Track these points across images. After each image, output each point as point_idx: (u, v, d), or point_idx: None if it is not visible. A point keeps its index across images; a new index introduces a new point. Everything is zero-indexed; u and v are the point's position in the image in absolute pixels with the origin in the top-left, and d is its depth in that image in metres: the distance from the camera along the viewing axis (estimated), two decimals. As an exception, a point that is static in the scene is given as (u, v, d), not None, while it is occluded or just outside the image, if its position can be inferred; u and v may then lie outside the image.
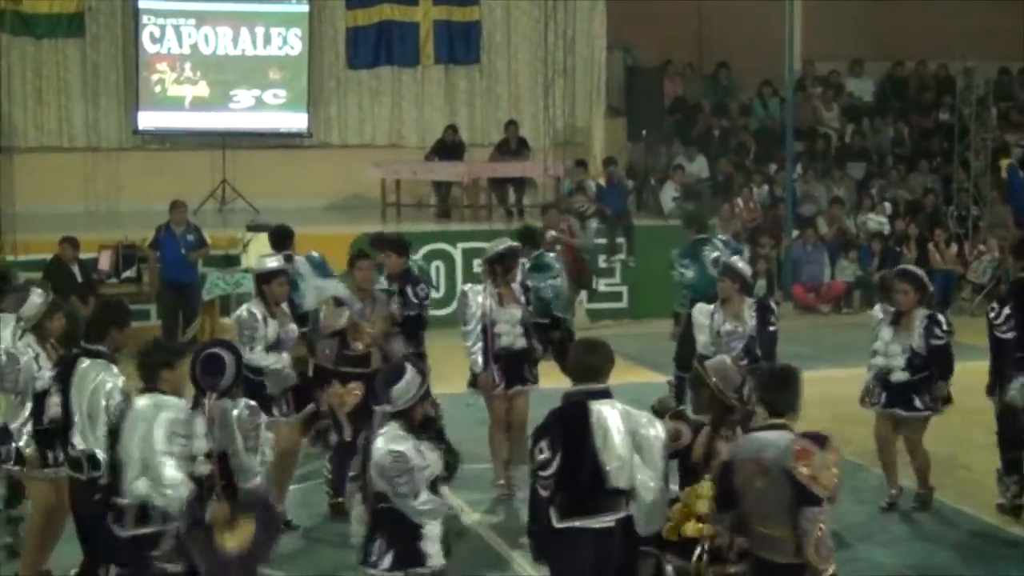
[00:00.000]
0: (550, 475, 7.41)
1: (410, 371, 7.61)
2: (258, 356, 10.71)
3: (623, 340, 16.77)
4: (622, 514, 7.48)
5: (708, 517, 7.53)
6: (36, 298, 9.64)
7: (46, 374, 9.31)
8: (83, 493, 8.58)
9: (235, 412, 7.93)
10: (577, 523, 7.46)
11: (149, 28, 21.94)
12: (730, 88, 25.30)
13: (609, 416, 7.46)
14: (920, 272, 11.74)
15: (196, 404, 7.94)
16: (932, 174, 24.09)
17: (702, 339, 11.66)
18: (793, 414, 7.38)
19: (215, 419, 7.82)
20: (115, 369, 8.47)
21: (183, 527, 7.63)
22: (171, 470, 7.61)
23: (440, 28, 23.52)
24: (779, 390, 7.43)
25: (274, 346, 10.80)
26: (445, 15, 23.52)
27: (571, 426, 7.47)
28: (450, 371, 12.43)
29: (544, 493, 7.49)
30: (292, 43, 22.53)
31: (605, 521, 7.44)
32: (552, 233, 16.98)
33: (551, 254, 14.04)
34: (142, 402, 7.92)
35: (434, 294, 18.76)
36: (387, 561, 7.51)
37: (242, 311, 11.04)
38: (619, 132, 23.74)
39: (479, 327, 11.78)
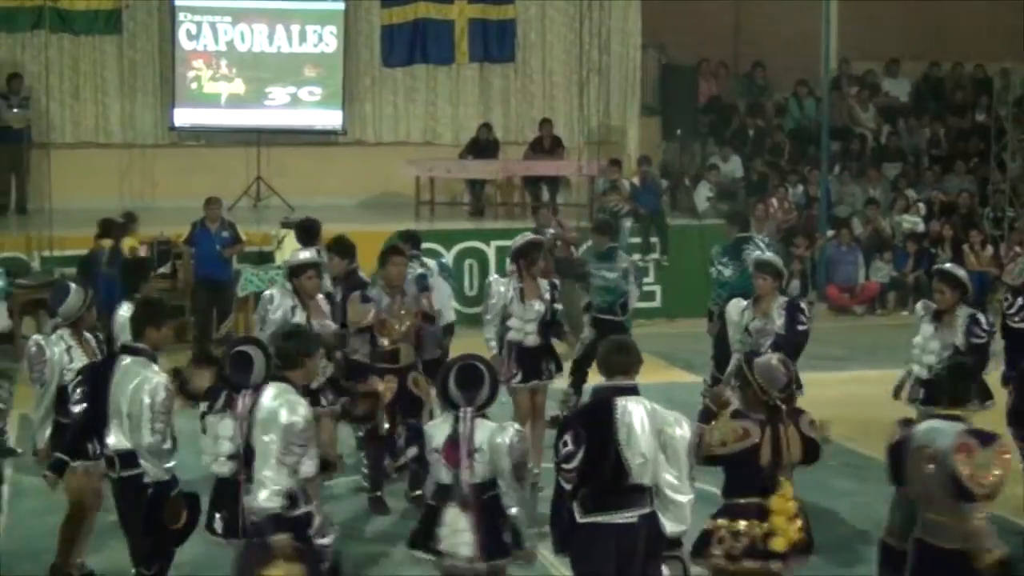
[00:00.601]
0: (573, 468, 7.46)
1: (486, 373, 7.82)
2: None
3: (656, 339, 16.84)
4: (645, 510, 7.52)
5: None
6: (75, 296, 9.70)
7: (77, 366, 9.40)
8: (119, 491, 8.60)
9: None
10: (599, 518, 7.51)
11: (185, 25, 22.03)
12: (765, 87, 25.23)
13: (634, 412, 7.51)
14: (958, 271, 11.71)
15: (228, 403, 7.97)
16: (968, 175, 23.99)
17: (733, 335, 11.74)
18: (970, 406, 7.73)
19: (245, 419, 7.87)
20: (155, 367, 8.45)
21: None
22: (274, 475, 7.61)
23: (475, 26, 23.54)
24: (957, 381, 7.74)
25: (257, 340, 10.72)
26: (480, 13, 23.54)
27: (596, 420, 7.53)
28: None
29: (567, 486, 7.54)
30: (328, 41, 22.58)
31: (627, 517, 7.48)
32: (551, 231, 17.02)
33: (626, 255, 14.05)
34: (271, 393, 7.85)
35: (467, 292, 19.06)
36: (480, 550, 7.62)
37: (266, 291, 11.25)
38: (653, 131, 23.71)
39: (498, 318, 11.99)
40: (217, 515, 8.08)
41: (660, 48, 24.23)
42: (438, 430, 7.78)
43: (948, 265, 12.07)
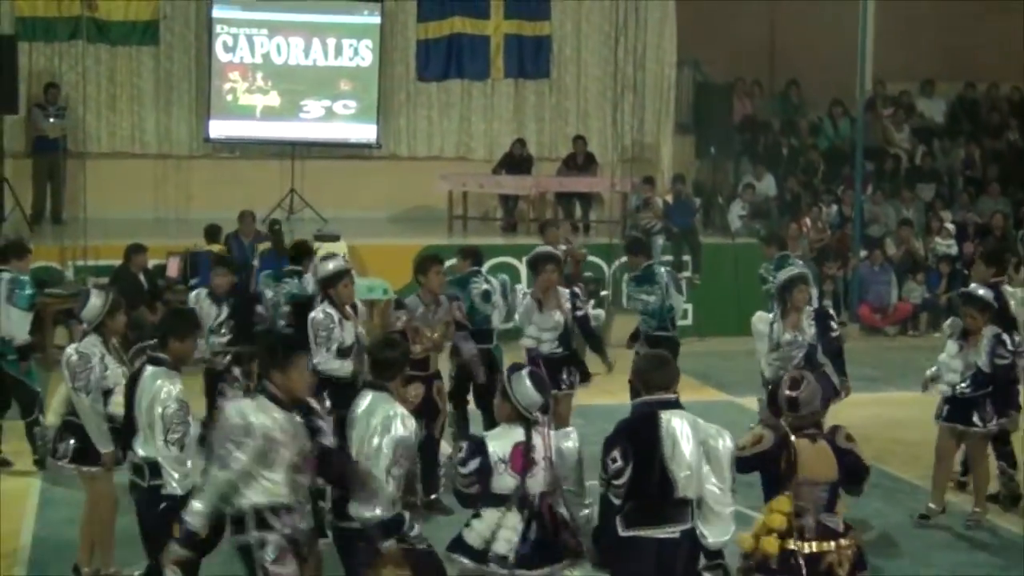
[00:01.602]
0: (623, 483, 7.46)
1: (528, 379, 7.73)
2: (324, 359, 10.81)
3: (688, 358, 16.67)
4: (687, 525, 7.51)
5: (785, 532, 7.59)
6: (96, 299, 9.76)
7: (109, 373, 9.45)
8: (145, 500, 8.60)
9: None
10: (642, 532, 7.51)
11: (222, 37, 22.12)
12: (800, 106, 25.16)
13: (678, 426, 7.52)
14: (983, 293, 11.77)
15: None
16: (1002, 197, 23.90)
17: (761, 347, 11.87)
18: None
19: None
20: (176, 377, 8.42)
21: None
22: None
23: (511, 42, 23.60)
24: None
25: (347, 351, 10.84)
26: (516, 29, 23.60)
27: (641, 435, 7.52)
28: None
29: (616, 502, 7.54)
30: (363, 54, 22.64)
31: (670, 532, 7.48)
32: (563, 247, 17.06)
33: (663, 269, 13.97)
34: (368, 402, 7.82)
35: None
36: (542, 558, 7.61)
37: (317, 312, 11.09)
38: (687, 149, 23.70)
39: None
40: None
41: (695, 66, 24.22)
42: (501, 440, 7.66)
43: (973, 287, 12.14)
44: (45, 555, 10.58)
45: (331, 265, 11.36)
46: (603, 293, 18.34)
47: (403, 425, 7.63)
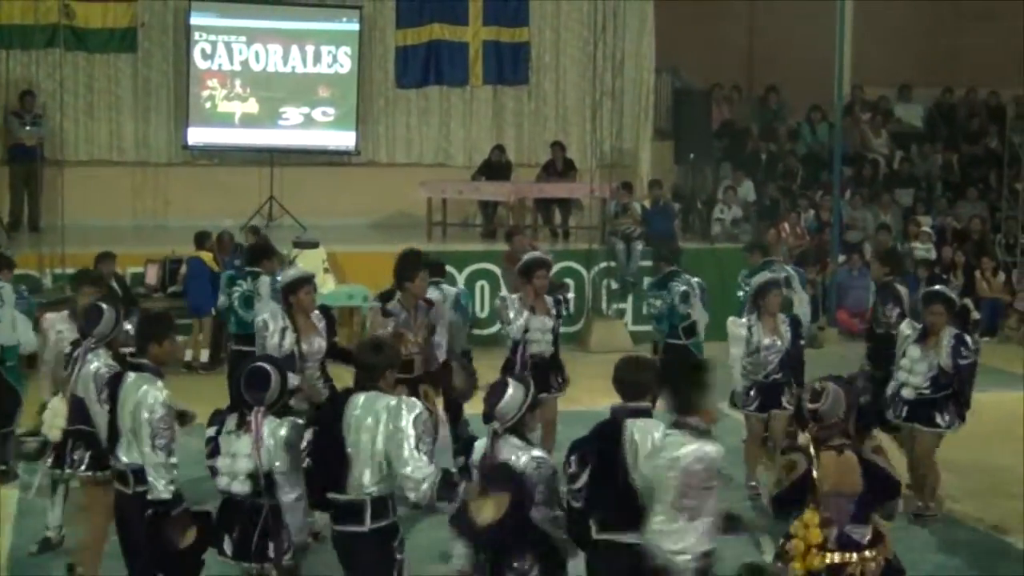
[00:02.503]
0: (579, 488, 7.46)
1: (512, 386, 7.63)
2: None
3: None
4: None
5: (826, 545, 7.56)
6: (108, 316, 9.73)
7: None
8: (130, 507, 8.55)
9: (282, 431, 7.96)
10: (613, 536, 7.48)
11: (200, 44, 22.08)
12: (778, 112, 25.23)
13: (642, 434, 7.42)
14: (949, 292, 12.01)
15: (242, 422, 7.98)
16: (980, 202, 23.97)
17: (735, 351, 11.98)
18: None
19: (262, 437, 7.87)
20: (159, 383, 8.39)
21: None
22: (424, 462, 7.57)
23: (489, 48, 23.61)
24: None
25: (289, 359, 10.66)
26: (494, 36, 23.61)
27: (603, 442, 7.50)
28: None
29: (576, 504, 7.51)
30: (342, 61, 22.63)
31: (639, 538, 7.38)
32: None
33: (687, 279, 14.06)
34: (364, 399, 7.81)
35: (479, 313, 19.06)
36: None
37: (259, 318, 11.18)
38: (666, 155, 23.71)
39: (520, 332, 12.19)
40: (227, 537, 8.06)
41: (673, 72, 24.25)
42: (480, 445, 7.70)
43: (939, 287, 12.27)
44: (23, 566, 10.50)
45: (292, 272, 11.47)
46: (569, 296, 18.38)
47: (410, 407, 7.66)
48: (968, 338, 11.61)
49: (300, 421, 8.15)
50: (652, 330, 14.65)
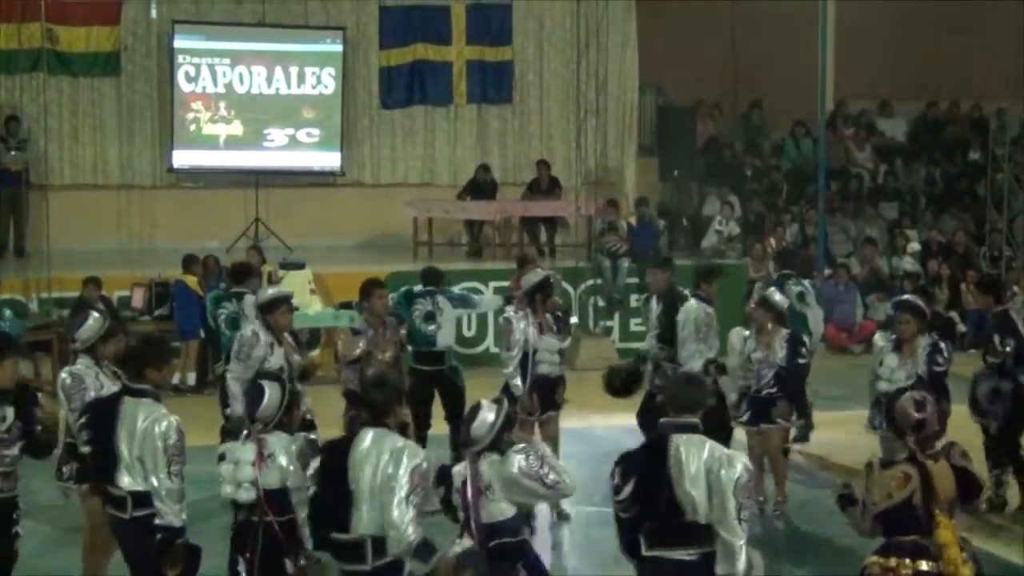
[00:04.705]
0: (623, 500, 7.52)
1: (484, 408, 7.74)
2: (236, 371, 11.11)
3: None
4: (707, 548, 7.46)
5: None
6: (93, 320, 9.74)
7: (105, 392, 9.40)
8: (127, 532, 8.50)
9: (294, 446, 8.01)
10: (663, 553, 7.50)
11: (184, 67, 22.06)
12: (762, 128, 25.29)
13: (688, 450, 7.46)
14: (919, 302, 12.21)
15: (249, 434, 8.09)
16: (965, 215, 24.02)
17: (732, 362, 12.04)
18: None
19: (263, 451, 7.92)
20: (164, 408, 8.34)
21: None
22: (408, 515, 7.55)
23: (473, 68, 23.64)
24: None
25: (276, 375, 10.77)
26: (478, 55, 23.64)
27: (648, 457, 7.57)
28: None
29: (623, 515, 7.57)
30: (326, 82, 22.64)
31: (687, 554, 7.45)
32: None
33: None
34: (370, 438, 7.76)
35: (465, 332, 19.05)
36: None
37: (246, 330, 11.29)
38: (651, 172, 23.76)
39: (520, 353, 12.17)
40: (240, 559, 8.06)
41: (657, 89, 24.33)
42: (460, 471, 7.78)
43: (908, 296, 12.57)
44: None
45: (270, 291, 11.63)
46: (572, 320, 18.31)
47: (413, 454, 7.64)
48: (944, 346, 11.80)
49: (313, 437, 8.20)
50: (646, 345, 14.41)
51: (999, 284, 14.11)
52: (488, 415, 7.71)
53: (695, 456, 7.44)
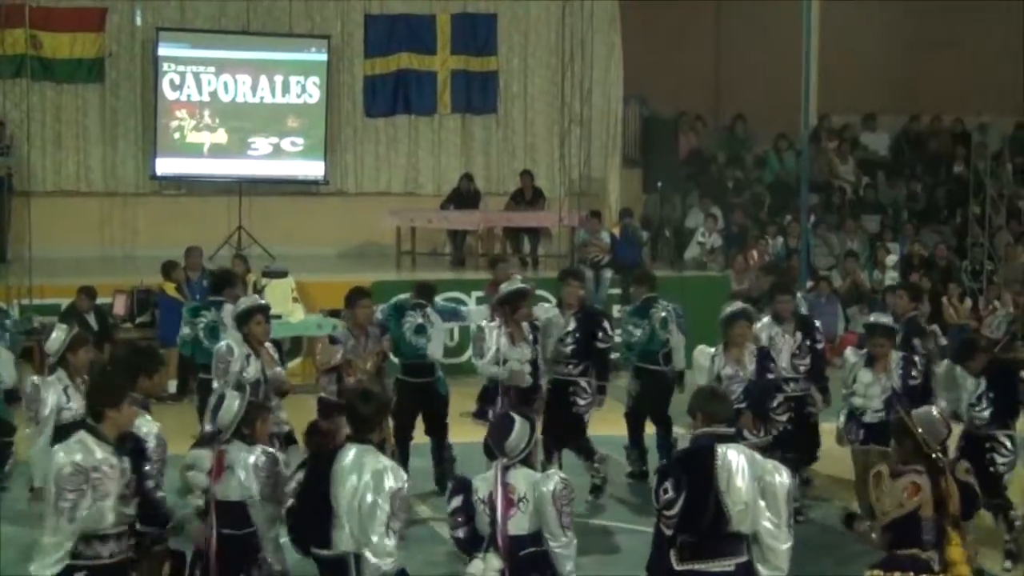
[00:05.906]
0: (674, 515, 7.50)
1: (519, 422, 7.69)
2: (221, 389, 10.96)
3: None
4: (743, 559, 7.53)
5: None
6: (58, 333, 9.77)
7: (74, 406, 9.40)
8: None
9: (251, 459, 7.96)
10: (697, 566, 7.52)
11: (169, 75, 22.05)
12: (745, 140, 25.34)
13: (734, 459, 7.54)
14: (888, 321, 12.38)
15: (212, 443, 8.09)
16: (946, 228, 24.09)
17: (700, 380, 12.04)
18: None
19: (223, 463, 7.90)
20: (148, 416, 8.35)
21: None
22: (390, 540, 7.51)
23: (457, 77, 23.66)
24: None
25: (255, 386, 10.72)
26: (463, 65, 23.67)
27: (696, 467, 7.58)
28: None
29: (667, 532, 7.57)
30: (310, 91, 22.65)
31: (724, 565, 7.50)
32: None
33: (665, 305, 13.85)
34: (353, 455, 7.71)
35: (447, 341, 19.02)
36: None
37: (221, 345, 11.27)
38: (634, 183, 23.80)
39: (494, 359, 12.29)
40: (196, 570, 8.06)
41: (641, 100, 24.36)
42: (485, 481, 7.69)
43: (873, 317, 12.72)
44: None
45: (245, 302, 11.60)
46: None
47: (395, 477, 7.59)
48: (917, 359, 12.01)
49: (277, 453, 8.17)
50: (620, 357, 14.50)
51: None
52: (524, 428, 7.66)
53: (743, 465, 7.53)
